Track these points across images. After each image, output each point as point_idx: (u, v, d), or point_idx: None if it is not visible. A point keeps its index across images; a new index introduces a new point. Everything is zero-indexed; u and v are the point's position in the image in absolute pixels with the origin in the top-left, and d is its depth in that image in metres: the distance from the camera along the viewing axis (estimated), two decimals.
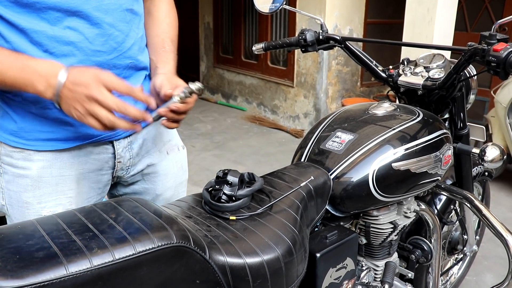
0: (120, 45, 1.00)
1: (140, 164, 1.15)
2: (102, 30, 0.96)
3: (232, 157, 4.14)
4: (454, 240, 1.84)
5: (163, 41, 1.15)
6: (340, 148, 1.19)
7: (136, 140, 1.11)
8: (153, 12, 1.18)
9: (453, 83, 1.38)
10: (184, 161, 1.29)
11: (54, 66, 0.86)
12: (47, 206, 1.01)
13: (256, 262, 0.79)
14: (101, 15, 0.95)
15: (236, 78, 5.96)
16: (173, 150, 1.23)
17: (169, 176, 1.22)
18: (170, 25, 1.19)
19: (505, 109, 3.08)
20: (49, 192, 1.01)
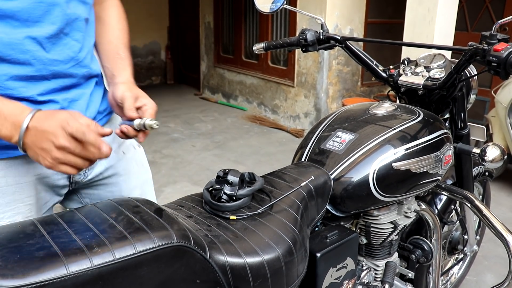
0: (77, 54, 0.99)
1: (97, 167, 1.11)
2: (59, 40, 0.95)
3: (232, 157, 4.13)
4: (455, 240, 1.84)
5: (117, 48, 1.13)
6: (341, 148, 1.19)
7: None
8: (104, 17, 1.16)
9: (453, 83, 1.38)
10: (143, 159, 1.26)
11: (22, 109, 0.83)
12: (5, 217, 0.96)
13: (256, 262, 0.79)
14: (61, 25, 0.94)
15: (237, 78, 5.96)
16: (129, 149, 1.20)
17: (131, 175, 1.19)
18: (123, 30, 1.17)
19: (506, 109, 3.08)
20: (6, 202, 0.96)
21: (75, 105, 1.01)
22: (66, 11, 0.94)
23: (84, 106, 1.03)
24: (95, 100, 1.08)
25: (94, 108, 1.07)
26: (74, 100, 1.01)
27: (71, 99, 1.00)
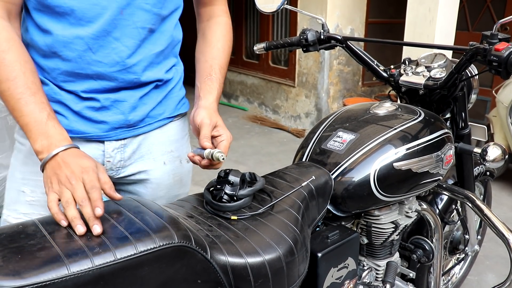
0: (124, 60, 1.01)
1: (131, 167, 1.13)
2: (108, 43, 0.99)
3: (233, 157, 4.14)
4: (456, 239, 1.84)
5: (210, 68, 1.17)
6: (342, 147, 1.19)
7: (131, 144, 1.10)
8: (207, 35, 1.21)
9: (454, 82, 1.37)
10: (185, 176, 1.24)
11: (63, 139, 0.90)
12: (28, 184, 1.07)
13: (257, 262, 0.79)
14: (110, 29, 0.98)
15: (238, 78, 5.96)
16: (173, 162, 1.19)
17: (161, 186, 1.18)
18: (222, 50, 1.20)
19: (507, 109, 3.07)
20: (32, 171, 1.05)
21: (118, 105, 1.05)
22: (118, 16, 0.98)
23: (128, 107, 1.06)
24: (147, 103, 1.10)
25: (142, 111, 1.09)
26: (118, 101, 1.05)
27: (114, 99, 1.04)
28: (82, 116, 1.03)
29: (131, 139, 1.10)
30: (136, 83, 1.05)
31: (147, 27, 1.02)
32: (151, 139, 1.13)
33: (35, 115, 0.88)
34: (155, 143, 1.14)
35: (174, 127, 1.18)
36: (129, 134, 1.09)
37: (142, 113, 1.08)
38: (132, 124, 1.08)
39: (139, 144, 1.12)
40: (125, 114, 1.06)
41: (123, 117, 1.06)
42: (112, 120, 1.05)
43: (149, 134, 1.12)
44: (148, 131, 1.12)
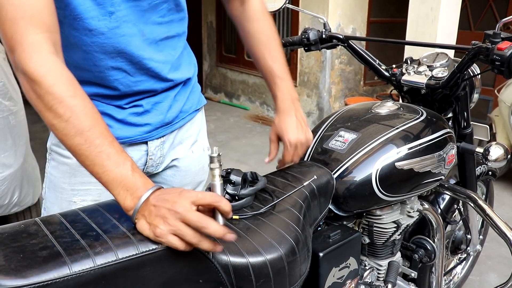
0: (159, 74, 1.06)
1: (167, 159, 1.20)
2: (143, 65, 1.02)
3: (235, 156, 4.14)
4: (458, 239, 1.84)
5: (272, 72, 1.19)
6: (343, 147, 1.18)
7: (168, 140, 1.18)
8: (253, 32, 1.21)
9: (456, 82, 1.37)
10: (206, 163, 1.30)
11: (146, 184, 0.80)
12: (78, 194, 1.10)
13: (259, 262, 0.78)
14: (142, 53, 1.01)
15: (239, 77, 5.96)
16: (198, 150, 1.28)
17: (189, 174, 1.26)
18: (276, 47, 1.22)
19: (509, 108, 3.07)
20: (82, 182, 1.09)
21: (158, 106, 1.10)
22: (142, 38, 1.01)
23: (166, 107, 1.12)
24: (179, 100, 1.16)
25: (177, 108, 1.15)
26: (158, 103, 1.10)
27: (154, 102, 1.10)
28: (126, 122, 1.08)
29: (168, 135, 1.17)
30: (170, 86, 1.12)
31: (164, 36, 1.06)
32: (182, 131, 1.22)
33: (120, 170, 0.79)
34: (185, 135, 1.22)
35: (198, 118, 1.27)
36: (167, 131, 1.16)
37: (176, 110, 1.16)
38: (169, 121, 1.15)
39: (174, 138, 1.19)
40: (164, 114, 1.12)
41: (162, 117, 1.12)
42: (154, 121, 1.11)
43: (181, 128, 1.21)
44: (181, 125, 1.20)
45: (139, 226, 0.76)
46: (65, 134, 0.79)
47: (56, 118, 0.79)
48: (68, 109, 0.79)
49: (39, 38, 0.80)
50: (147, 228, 0.75)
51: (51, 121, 0.80)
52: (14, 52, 0.80)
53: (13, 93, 2.26)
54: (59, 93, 0.79)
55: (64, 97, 0.79)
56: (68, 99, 0.79)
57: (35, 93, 0.79)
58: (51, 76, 0.79)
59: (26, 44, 0.79)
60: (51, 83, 0.79)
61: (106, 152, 0.79)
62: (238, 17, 1.23)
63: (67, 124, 0.79)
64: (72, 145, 0.80)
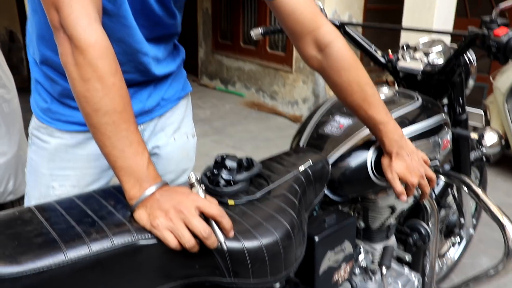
0: (147, 69, 1.07)
1: (148, 146, 1.19)
2: (136, 58, 1.02)
3: (231, 143, 4.14)
4: (451, 223, 1.85)
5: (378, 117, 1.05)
6: (339, 132, 1.18)
7: (148, 127, 1.17)
8: (351, 88, 1.04)
9: (452, 68, 1.37)
10: (191, 150, 1.32)
11: (156, 178, 0.79)
12: (57, 179, 1.09)
13: (254, 246, 0.79)
14: (141, 46, 1.01)
15: (235, 64, 5.93)
16: (181, 137, 1.26)
17: (171, 161, 1.25)
18: (373, 91, 1.06)
19: (504, 95, 3.07)
20: (60, 167, 1.09)
21: (137, 95, 1.10)
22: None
23: (146, 96, 1.12)
24: (160, 88, 1.15)
25: (157, 96, 1.15)
26: (137, 92, 1.10)
27: (134, 91, 1.08)
28: None
29: (149, 122, 1.17)
30: (152, 79, 1.12)
31: (165, 33, 1.07)
32: (164, 119, 1.21)
33: (138, 159, 0.77)
34: (167, 122, 1.21)
35: (181, 106, 1.26)
36: (147, 119, 1.15)
37: (157, 99, 1.15)
38: (149, 109, 1.14)
39: (155, 125, 1.19)
40: (143, 102, 1.12)
41: (142, 105, 1.11)
42: (133, 109, 1.07)
43: (162, 115, 1.20)
44: (162, 113, 1.19)
45: (137, 215, 0.75)
46: (95, 110, 0.76)
47: (90, 91, 0.75)
48: (106, 86, 0.76)
49: (88, 1, 0.77)
50: (145, 218, 0.74)
51: (84, 92, 0.76)
52: (60, 11, 0.75)
53: (6, 80, 2.25)
54: (101, 68, 0.76)
55: (105, 73, 0.76)
56: (109, 76, 0.76)
57: (74, 59, 0.76)
58: (98, 47, 0.76)
59: (76, 5, 0.75)
60: (97, 55, 0.76)
61: (129, 138, 0.77)
62: (319, 66, 1.06)
63: (100, 100, 0.76)
64: (98, 123, 0.76)
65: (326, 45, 1.03)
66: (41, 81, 1.06)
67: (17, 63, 6.20)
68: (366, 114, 1.04)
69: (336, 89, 1.06)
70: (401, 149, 1.06)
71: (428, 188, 1.10)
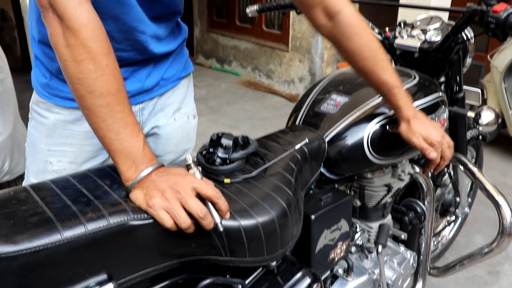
0: (146, 47, 1.05)
1: (147, 127, 1.19)
2: (133, 36, 1.00)
3: (227, 122, 4.12)
4: (447, 202, 1.86)
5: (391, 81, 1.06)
6: (335, 110, 1.18)
7: (148, 106, 1.16)
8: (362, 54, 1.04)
9: (450, 45, 1.36)
10: (192, 130, 1.32)
11: (151, 160, 0.78)
12: (55, 155, 1.10)
13: (250, 225, 0.79)
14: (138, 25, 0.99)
15: (231, 43, 5.87)
16: (182, 118, 1.26)
17: (171, 141, 1.25)
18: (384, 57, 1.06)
19: (501, 74, 3.06)
20: (58, 142, 1.09)
21: (136, 74, 1.08)
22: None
23: (145, 75, 1.10)
24: (159, 68, 1.14)
25: (156, 76, 1.13)
26: (136, 71, 1.08)
27: (132, 70, 1.07)
28: None
29: (148, 102, 1.15)
30: (152, 57, 1.10)
31: (167, 11, 1.06)
32: (164, 98, 1.19)
33: (133, 141, 0.76)
34: (167, 102, 1.21)
35: (182, 86, 1.25)
36: (146, 98, 1.14)
37: (156, 78, 1.13)
38: (148, 88, 1.13)
39: (154, 104, 1.18)
40: (142, 82, 1.10)
41: (141, 84, 1.10)
42: (132, 89, 1.08)
43: (162, 95, 1.19)
44: (162, 92, 1.18)
45: (133, 195, 0.75)
46: (89, 92, 0.75)
47: (84, 73, 0.74)
48: (99, 67, 0.75)
49: None
50: (141, 198, 0.74)
51: (77, 74, 0.75)
52: None
53: None
54: (94, 48, 0.74)
55: (98, 54, 0.75)
56: (102, 57, 0.75)
57: (65, 40, 0.74)
58: (90, 28, 0.75)
59: None
60: (89, 36, 0.74)
61: (125, 120, 0.77)
62: (329, 34, 1.06)
63: (94, 82, 0.75)
64: (92, 105, 0.75)
65: (336, 13, 1.03)
66: (40, 58, 1.06)
67: (10, 43, 6.11)
68: (379, 79, 1.05)
69: (348, 56, 1.07)
70: (417, 112, 1.08)
71: (449, 151, 1.12)
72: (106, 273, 0.71)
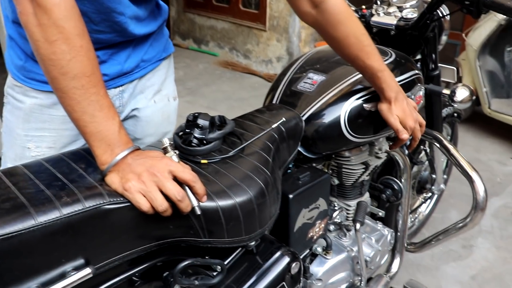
0: (125, 29, 1.02)
1: (127, 109, 1.17)
2: (112, 17, 0.97)
3: (205, 103, 4.09)
4: (423, 179, 1.90)
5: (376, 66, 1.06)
6: (312, 89, 1.17)
7: (128, 89, 1.14)
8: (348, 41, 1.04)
9: (426, 23, 1.37)
10: (172, 113, 1.30)
11: (127, 143, 0.77)
12: (33, 140, 1.07)
13: (228, 205, 0.79)
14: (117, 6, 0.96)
15: (208, 23, 5.79)
16: (162, 100, 1.25)
17: (151, 124, 1.23)
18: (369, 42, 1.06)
19: (476, 52, 3.10)
20: (36, 128, 1.06)
21: (115, 57, 1.06)
22: None
23: (124, 57, 1.08)
24: (139, 50, 1.12)
25: (136, 58, 1.11)
26: (115, 53, 1.06)
27: (111, 53, 1.05)
28: None
29: (128, 84, 1.14)
30: (131, 39, 1.07)
31: None
32: (144, 80, 1.18)
33: (109, 124, 0.75)
34: (147, 84, 1.19)
35: (162, 67, 1.23)
36: (126, 80, 1.12)
37: (136, 60, 1.12)
38: (128, 71, 1.11)
39: (134, 87, 1.16)
40: (121, 64, 1.08)
41: (120, 67, 1.08)
42: (111, 72, 1.07)
43: (142, 77, 1.17)
44: (143, 75, 1.16)
45: (108, 179, 0.74)
46: (62, 73, 0.73)
47: (57, 54, 0.72)
48: (73, 48, 0.73)
49: None
50: (117, 181, 0.73)
51: (49, 55, 0.72)
52: None
53: None
54: (68, 28, 0.72)
55: (72, 34, 0.73)
56: (76, 37, 0.73)
57: (37, 19, 0.72)
58: (63, 7, 0.72)
59: None
60: (62, 15, 0.72)
61: (100, 102, 0.75)
62: (314, 22, 1.06)
63: (68, 63, 0.72)
64: (66, 87, 0.73)
65: (321, 1, 1.03)
66: (15, 38, 1.02)
67: None
68: (364, 64, 1.05)
69: (333, 43, 1.07)
70: (399, 93, 1.11)
71: (420, 133, 1.16)
72: (83, 257, 0.70)
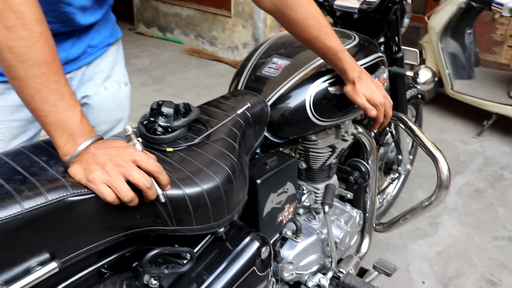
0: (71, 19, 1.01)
1: (77, 96, 1.14)
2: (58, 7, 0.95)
3: (171, 91, 4.04)
4: (390, 160, 1.93)
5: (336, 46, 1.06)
6: (277, 74, 1.17)
7: (76, 76, 1.12)
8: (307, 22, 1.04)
9: (388, 6, 1.38)
10: (124, 99, 1.28)
11: (90, 132, 0.75)
12: None
13: (195, 192, 0.78)
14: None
15: (172, 10, 5.70)
16: (112, 86, 1.22)
17: (103, 111, 1.21)
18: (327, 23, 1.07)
19: (438, 35, 3.16)
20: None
21: (60, 44, 1.03)
22: None
23: (70, 45, 1.06)
24: (84, 36, 1.09)
25: (82, 44, 1.09)
26: (58, 42, 1.01)
27: (56, 41, 0.95)
28: None
29: (75, 71, 1.12)
30: (76, 28, 1.05)
31: None
32: (92, 67, 1.16)
33: (70, 113, 0.73)
34: (96, 70, 1.17)
35: (111, 53, 1.21)
36: (73, 67, 1.10)
37: (82, 46, 1.10)
38: (75, 58, 1.09)
39: (82, 74, 1.14)
40: (67, 51, 1.07)
41: (66, 54, 1.06)
42: None
43: (90, 63, 1.15)
44: (90, 61, 1.14)
45: (71, 171, 0.72)
46: (21, 61, 0.70)
47: (15, 41, 0.69)
48: (33, 34, 0.70)
49: None
50: (81, 172, 0.71)
51: (7, 42, 0.69)
52: None
53: None
54: (26, 14, 0.69)
55: (30, 20, 0.69)
56: (35, 23, 0.70)
57: None
58: None
59: None
60: (20, 1, 0.69)
61: (61, 91, 0.72)
62: (273, 7, 1.06)
63: (27, 50, 0.69)
64: (25, 76, 0.70)
65: None
66: None
67: None
68: (324, 45, 1.05)
69: (292, 26, 1.07)
70: (362, 73, 1.12)
71: (390, 109, 1.18)
72: (48, 252, 0.68)
